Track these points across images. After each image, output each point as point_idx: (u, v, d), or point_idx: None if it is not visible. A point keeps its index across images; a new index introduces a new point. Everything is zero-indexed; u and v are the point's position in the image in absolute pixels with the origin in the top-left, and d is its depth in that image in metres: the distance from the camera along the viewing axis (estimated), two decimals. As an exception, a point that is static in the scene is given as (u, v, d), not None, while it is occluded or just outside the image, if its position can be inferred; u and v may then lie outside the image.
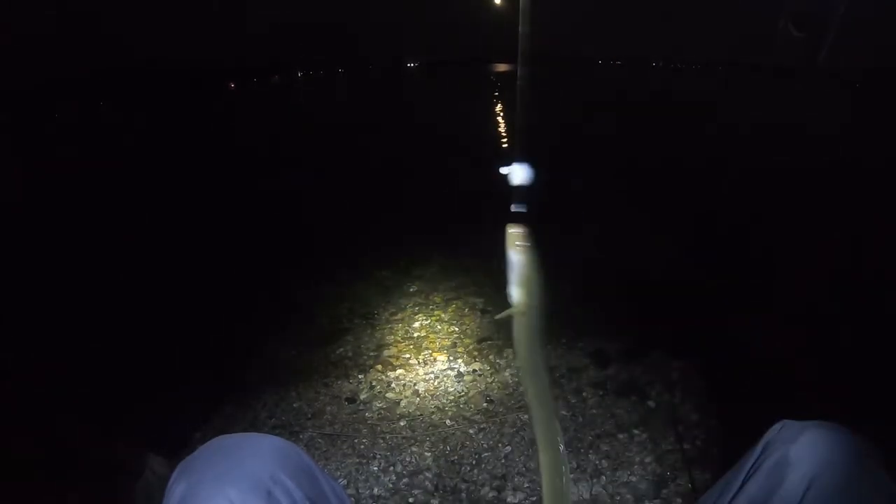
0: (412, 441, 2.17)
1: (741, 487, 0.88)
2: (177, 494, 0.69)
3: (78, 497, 1.94)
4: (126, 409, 2.38)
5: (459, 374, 2.60)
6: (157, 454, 2.00)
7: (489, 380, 2.55)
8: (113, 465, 2.04)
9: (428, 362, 2.72)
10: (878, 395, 2.21)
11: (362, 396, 2.49)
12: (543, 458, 0.87)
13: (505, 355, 2.72)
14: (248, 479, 0.68)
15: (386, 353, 2.83)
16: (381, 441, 2.18)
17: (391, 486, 1.97)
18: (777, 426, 0.88)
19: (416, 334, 3.00)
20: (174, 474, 0.73)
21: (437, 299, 3.38)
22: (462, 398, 2.43)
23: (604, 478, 1.94)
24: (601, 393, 2.42)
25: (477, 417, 2.29)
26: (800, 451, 0.82)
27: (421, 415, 2.33)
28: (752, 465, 0.88)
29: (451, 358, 2.74)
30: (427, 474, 2.00)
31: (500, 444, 2.12)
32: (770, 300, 3.21)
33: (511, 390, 2.46)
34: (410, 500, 1.91)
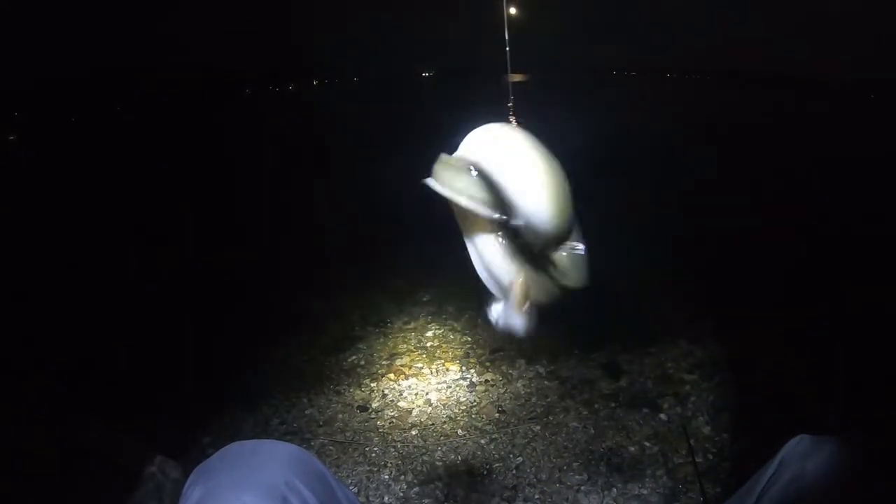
0: (423, 450, 2.17)
1: (756, 502, 0.88)
2: (192, 499, 0.70)
3: (89, 498, 1.96)
4: (139, 414, 2.41)
5: (472, 384, 2.60)
6: (168, 457, 2.02)
7: (501, 390, 2.55)
8: (124, 467, 2.07)
9: (440, 372, 2.73)
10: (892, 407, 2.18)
11: (374, 405, 2.49)
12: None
13: (517, 366, 2.72)
14: (264, 485, 0.69)
15: (398, 361, 2.84)
16: (393, 450, 2.19)
17: (402, 494, 1.97)
18: (794, 440, 0.87)
19: (428, 343, 3.00)
20: (190, 479, 0.74)
21: (450, 309, 3.38)
22: (474, 408, 2.43)
23: (615, 490, 1.93)
24: (613, 405, 2.41)
25: (488, 428, 2.29)
26: (817, 466, 0.81)
27: (432, 424, 2.34)
28: (769, 480, 0.87)
29: (464, 368, 2.74)
30: (438, 484, 2.00)
31: (511, 455, 2.12)
32: (783, 312, 3.18)
33: (523, 401, 2.46)
34: (421, 509, 1.91)
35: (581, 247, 0.74)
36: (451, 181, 0.67)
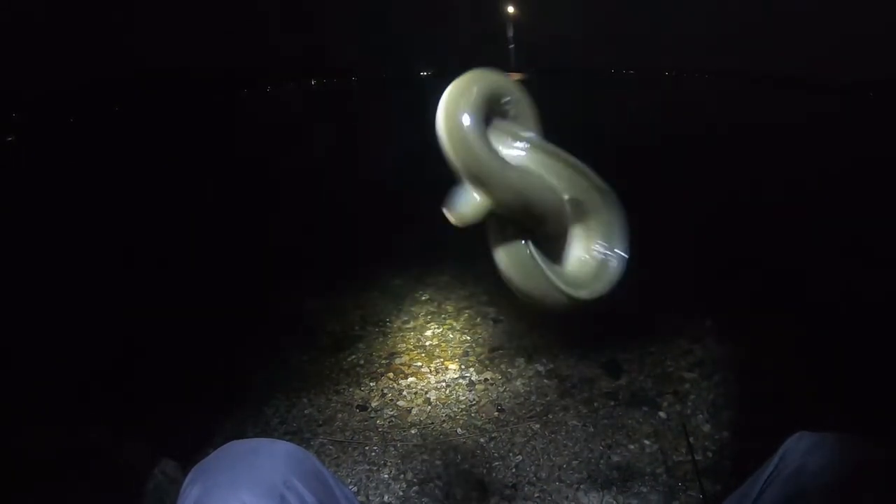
0: (423, 449, 2.17)
1: (757, 498, 0.88)
2: (191, 498, 0.70)
3: (90, 499, 1.96)
4: (138, 413, 2.41)
5: (471, 383, 2.60)
6: (168, 458, 2.02)
7: (500, 389, 2.55)
8: (125, 467, 2.07)
9: (439, 371, 2.73)
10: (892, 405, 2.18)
11: (373, 404, 2.50)
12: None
13: (517, 365, 2.72)
14: (262, 484, 0.69)
15: (397, 360, 2.84)
16: (392, 449, 2.19)
17: (401, 493, 1.97)
18: (794, 437, 0.87)
19: (427, 343, 3.00)
20: (188, 477, 0.74)
21: (450, 308, 3.38)
22: (473, 407, 2.43)
23: (615, 488, 1.93)
24: (613, 403, 2.41)
25: (488, 427, 2.29)
26: (818, 462, 0.81)
27: (432, 423, 2.34)
28: (769, 476, 0.87)
29: (463, 367, 2.74)
30: (437, 483, 2.00)
31: (510, 454, 2.12)
32: (783, 312, 3.18)
33: (523, 400, 2.46)
34: (421, 508, 1.91)
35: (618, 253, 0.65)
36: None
